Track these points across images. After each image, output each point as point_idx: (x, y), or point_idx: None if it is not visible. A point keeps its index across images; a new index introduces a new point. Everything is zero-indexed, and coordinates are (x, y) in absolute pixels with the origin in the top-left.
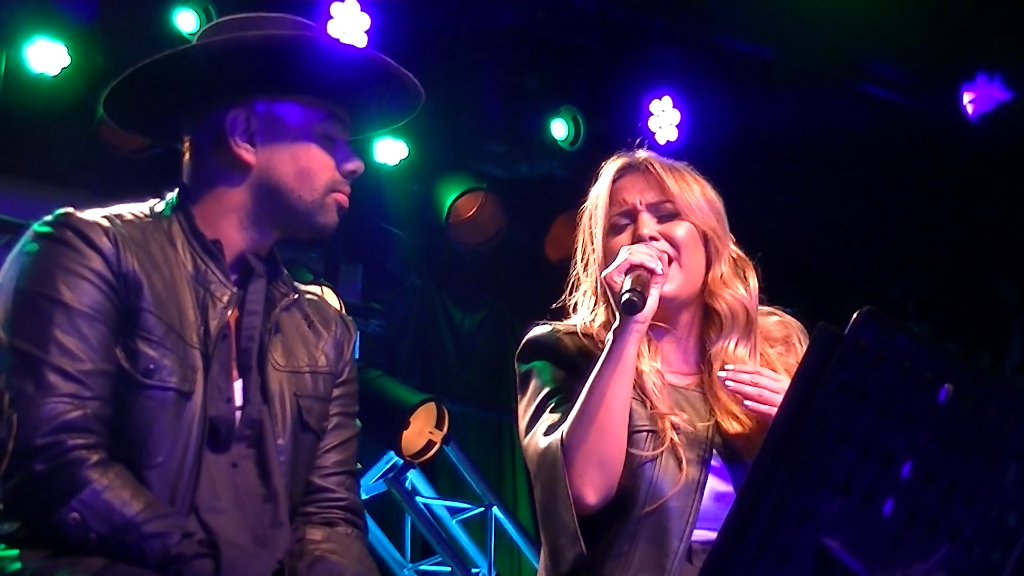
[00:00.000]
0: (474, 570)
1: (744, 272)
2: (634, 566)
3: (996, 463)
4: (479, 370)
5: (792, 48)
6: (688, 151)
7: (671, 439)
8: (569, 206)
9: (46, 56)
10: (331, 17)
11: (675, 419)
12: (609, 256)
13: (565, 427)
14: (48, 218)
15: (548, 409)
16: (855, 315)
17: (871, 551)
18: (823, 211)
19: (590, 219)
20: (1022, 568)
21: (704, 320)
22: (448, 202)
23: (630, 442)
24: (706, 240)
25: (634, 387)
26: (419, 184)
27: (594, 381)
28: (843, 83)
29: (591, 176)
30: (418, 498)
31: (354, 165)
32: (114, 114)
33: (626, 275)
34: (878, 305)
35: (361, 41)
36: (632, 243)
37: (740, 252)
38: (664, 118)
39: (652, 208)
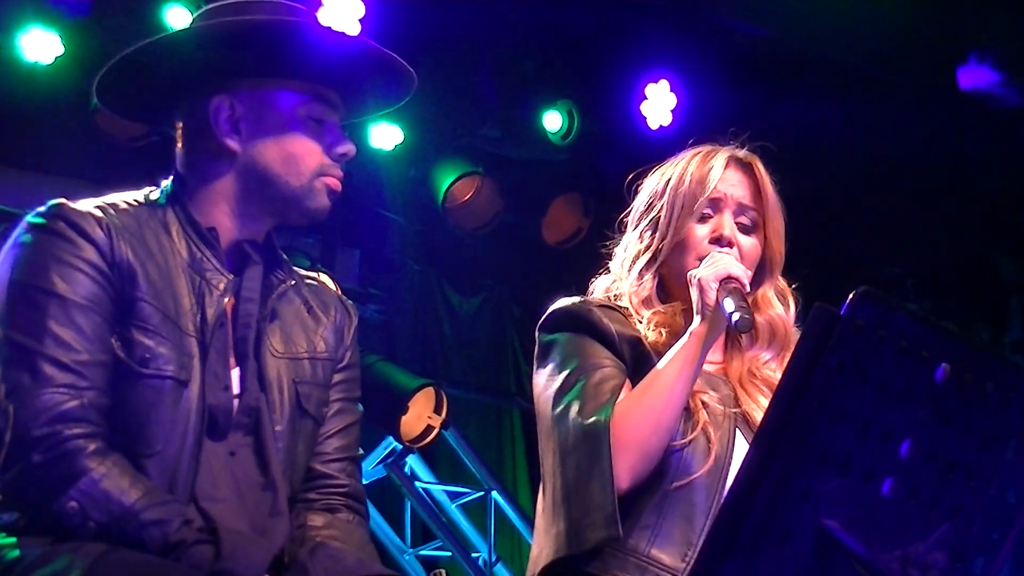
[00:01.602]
0: (474, 555)
1: (787, 297)
2: (661, 539)
3: (995, 441)
4: (478, 354)
5: (795, 32)
6: (681, 137)
7: (703, 420)
8: (566, 189)
9: (40, 45)
10: (321, 4)
11: (705, 397)
12: (689, 242)
13: (617, 411)
14: (41, 209)
15: (581, 383)
16: (852, 294)
17: (871, 530)
18: (819, 191)
19: (675, 196)
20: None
21: None
22: (444, 187)
23: None
24: (765, 260)
25: None
26: (415, 169)
27: (662, 377)
28: (848, 68)
29: (587, 160)
30: (418, 483)
31: (344, 148)
32: (107, 100)
33: (720, 284)
34: (876, 283)
35: (354, 28)
36: (711, 238)
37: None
38: (659, 102)
39: (739, 210)
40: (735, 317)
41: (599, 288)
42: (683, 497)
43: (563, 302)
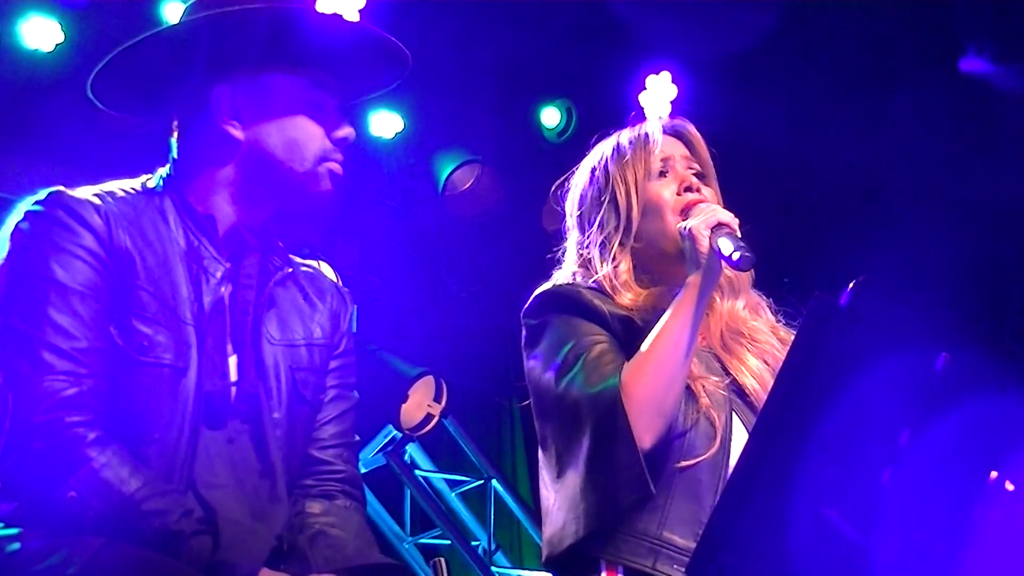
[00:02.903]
0: (474, 543)
1: None
2: (670, 520)
3: (993, 431)
4: (478, 342)
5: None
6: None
7: (705, 403)
8: (568, 172)
9: (40, 33)
10: None
11: (704, 382)
12: (659, 201)
13: (626, 375)
14: (39, 196)
15: (581, 360)
16: (851, 284)
17: (870, 519)
18: (819, 181)
19: (624, 168)
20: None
21: None
22: (444, 174)
23: None
24: None
25: None
26: (415, 157)
27: (665, 331)
28: (852, 61)
29: (587, 150)
30: (417, 471)
31: (345, 131)
32: (101, 96)
33: (712, 231)
34: (875, 272)
35: (355, 19)
36: (681, 188)
37: None
38: (658, 93)
39: (687, 164)
40: (735, 256)
41: (560, 281)
42: (690, 477)
43: (551, 286)
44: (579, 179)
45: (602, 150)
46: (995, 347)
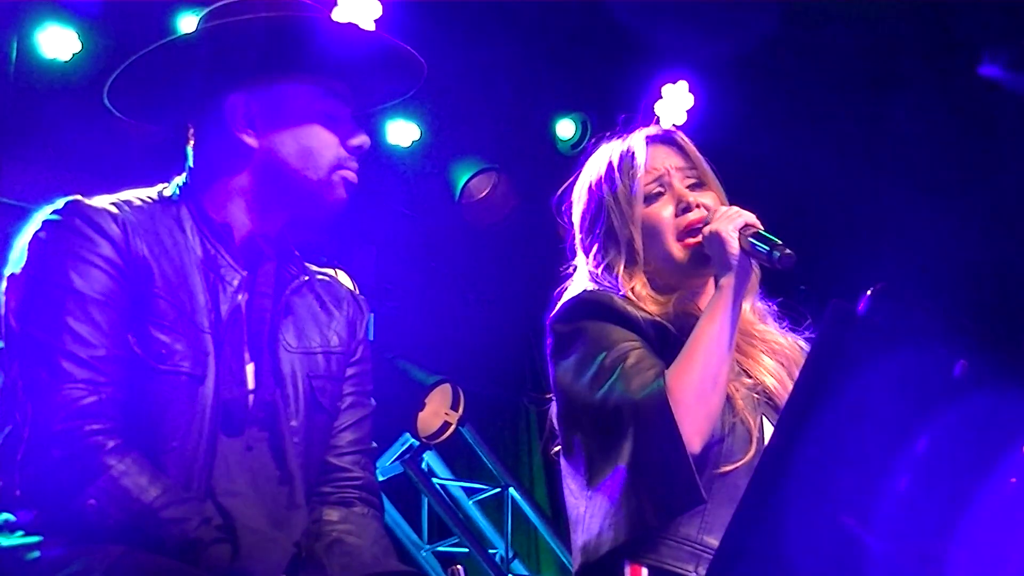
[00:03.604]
0: (491, 551)
1: None
2: (710, 524)
3: (1013, 437)
4: (495, 350)
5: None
6: (696, 138)
7: (740, 407)
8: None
9: (57, 41)
10: (336, 3)
11: (736, 384)
12: (658, 225)
13: (670, 379)
14: (57, 206)
15: (620, 366)
16: (869, 291)
17: (888, 527)
18: (836, 187)
19: (614, 194)
20: None
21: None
22: (461, 182)
23: None
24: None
25: None
26: (432, 165)
27: (705, 334)
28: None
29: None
30: (434, 479)
31: (359, 140)
32: (118, 104)
33: (740, 232)
34: (892, 278)
35: (371, 28)
36: (678, 210)
37: None
38: (674, 102)
39: (682, 175)
40: (776, 255)
41: (582, 288)
42: (730, 481)
43: (582, 292)
44: (577, 198)
45: (596, 167)
46: (1013, 353)
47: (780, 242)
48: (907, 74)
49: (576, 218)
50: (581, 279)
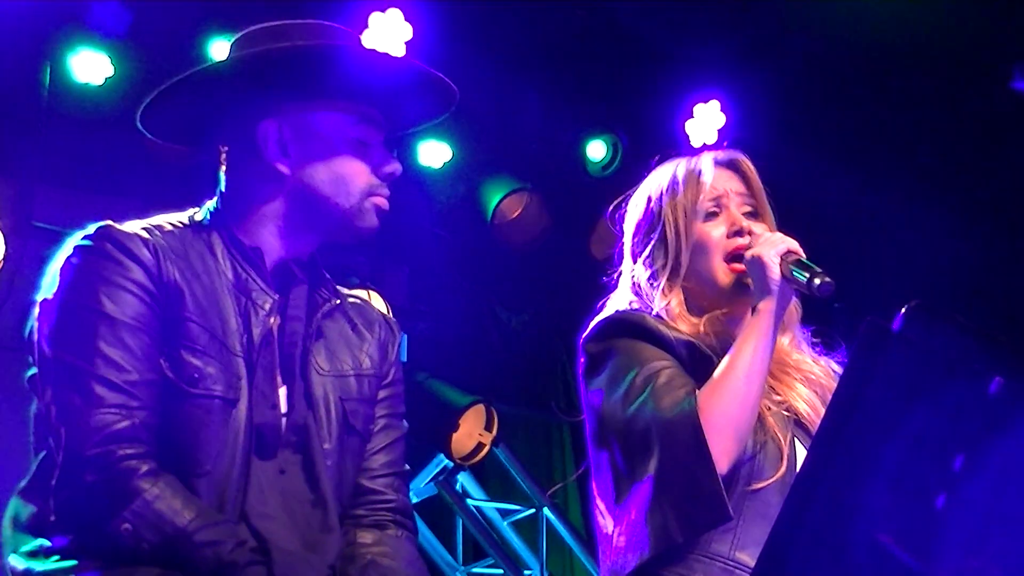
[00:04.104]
0: (526, 572)
1: None
2: (742, 541)
3: None
4: (527, 370)
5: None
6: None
7: (771, 424)
8: (624, 195)
9: (90, 66)
10: (367, 27)
11: (767, 401)
12: (707, 243)
13: (702, 398)
14: (88, 231)
15: (651, 385)
16: (903, 308)
17: (925, 544)
18: (869, 207)
19: (675, 205)
20: None
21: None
22: (493, 203)
23: None
24: None
25: None
26: (464, 185)
27: (740, 357)
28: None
29: (634, 180)
30: (469, 500)
31: (391, 167)
32: (150, 129)
33: (782, 259)
34: (925, 295)
35: (401, 50)
36: (730, 232)
37: None
38: (706, 121)
39: (740, 201)
40: (817, 282)
41: (620, 307)
42: (761, 498)
43: (609, 311)
44: (634, 206)
45: (659, 180)
46: None
47: (820, 270)
48: (948, 97)
49: (630, 225)
50: (618, 296)
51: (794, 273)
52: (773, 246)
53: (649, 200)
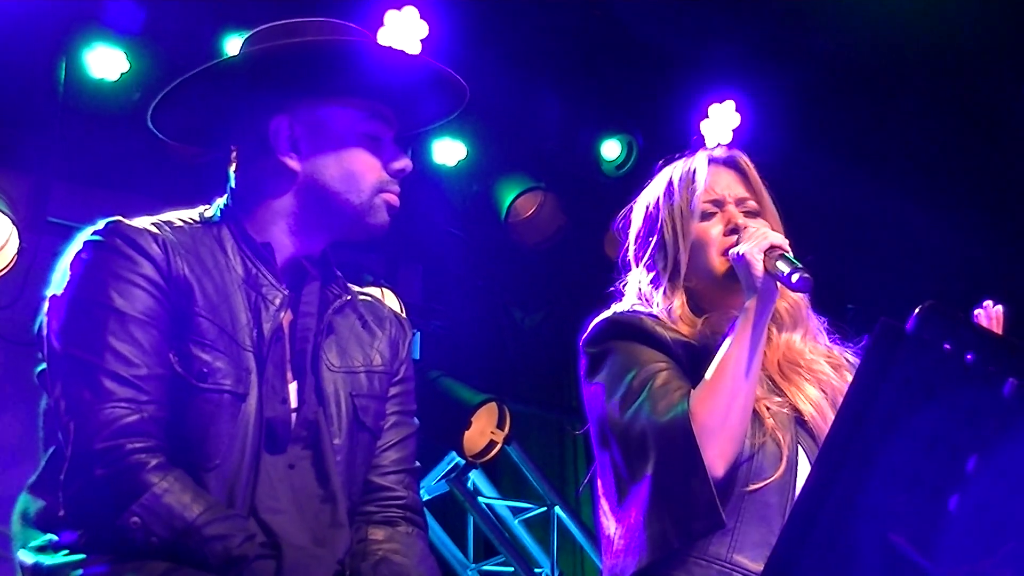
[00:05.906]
0: (537, 570)
1: None
2: (740, 543)
3: None
4: (540, 369)
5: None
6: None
7: (771, 424)
8: (629, 204)
9: (105, 62)
10: (383, 24)
11: (768, 403)
12: (705, 241)
13: (693, 402)
14: (98, 226)
15: (648, 387)
16: (917, 309)
17: (937, 546)
18: (885, 210)
19: (672, 207)
20: None
21: None
22: (507, 202)
23: None
24: None
25: None
26: (478, 184)
27: (729, 358)
28: (921, 86)
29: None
30: (480, 498)
31: (402, 163)
32: (161, 126)
33: (765, 254)
34: (939, 297)
35: (417, 48)
36: (726, 230)
37: None
38: (721, 121)
39: (739, 202)
40: (794, 278)
41: (619, 309)
42: (759, 500)
43: (607, 313)
44: (636, 213)
45: (657, 184)
46: None
47: (801, 265)
48: (963, 98)
49: (633, 230)
50: (623, 302)
51: (778, 267)
52: (756, 242)
53: (648, 206)
